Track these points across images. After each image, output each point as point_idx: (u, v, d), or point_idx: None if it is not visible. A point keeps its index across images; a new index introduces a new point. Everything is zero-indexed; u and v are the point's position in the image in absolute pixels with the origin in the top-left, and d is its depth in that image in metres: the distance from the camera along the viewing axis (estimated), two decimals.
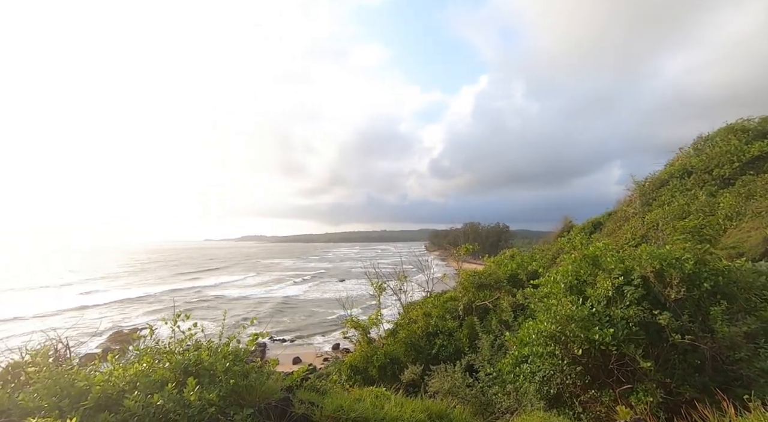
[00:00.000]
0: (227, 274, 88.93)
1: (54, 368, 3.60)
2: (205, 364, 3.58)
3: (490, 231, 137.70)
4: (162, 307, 45.31)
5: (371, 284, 12.15)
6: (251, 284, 71.83)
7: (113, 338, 31.61)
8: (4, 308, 42.51)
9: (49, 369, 3.50)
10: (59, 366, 3.71)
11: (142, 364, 3.52)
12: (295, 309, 47.17)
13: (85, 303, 47.48)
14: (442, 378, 6.92)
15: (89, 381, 3.38)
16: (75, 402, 3.20)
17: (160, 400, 3.07)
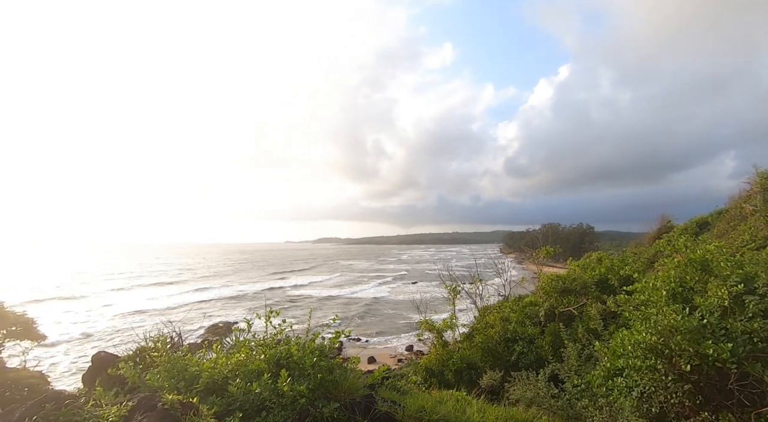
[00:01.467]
0: (312, 274, 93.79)
1: (171, 354, 4.15)
2: (294, 358, 3.86)
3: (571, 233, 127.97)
4: (256, 304, 49.20)
5: (445, 286, 12.02)
6: (335, 284, 74.99)
7: (211, 330, 35.30)
8: (135, 302, 49.92)
9: (168, 354, 4.05)
10: (174, 353, 4.26)
11: (241, 355, 3.91)
12: (373, 310, 48.26)
13: (198, 298, 53.65)
14: (524, 386, 6.60)
15: (199, 368, 3.84)
16: (189, 384, 3.65)
17: (258, 388, 3.38)
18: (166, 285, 69.20)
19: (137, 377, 3.76)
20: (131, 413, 2.23)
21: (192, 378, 3.70)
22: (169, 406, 2.28)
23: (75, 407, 2.13)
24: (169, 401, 2.32)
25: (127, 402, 2.34)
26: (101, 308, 45.59)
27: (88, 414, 2.10)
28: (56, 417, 2.04)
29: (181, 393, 3.60)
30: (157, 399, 2.39)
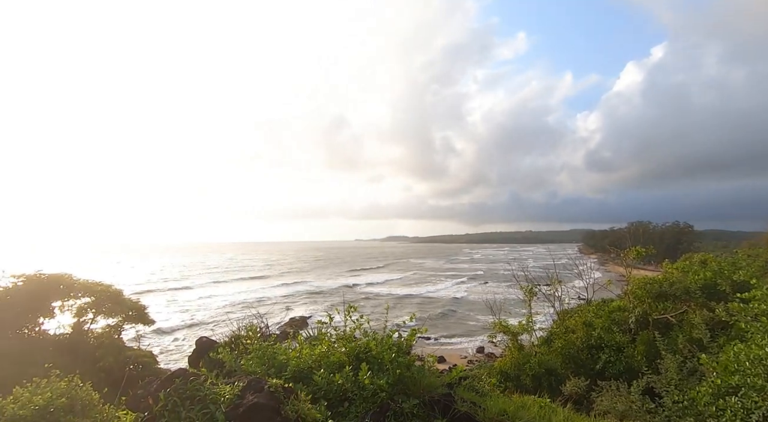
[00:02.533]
0: (386, 272, 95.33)
1: (260, 343, 4.53)
2: (373, 353, 3.99)
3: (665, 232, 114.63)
4: (333, 300, 51.40)
5: (520, 287, 11.50)
6: (409, 283, 75.49)
7: (289, 323, 37.72)
8: (229, 294, 55.45)
9: (258, 343, 4.43)
10: (264, 342, 4.64)
11: (323, 347, 4.14)
12: (449, 310, 47.77)
13: (281, 293, 57.94)
14: (614, 397, 6.08)
15: (286, 357, 4.15)
16: (278, 371, 3.96)
17: (340, 380, 3.55)
18: (253, 280, 75.06)
19: (233, 361, 4.16)
20: (242, 392, 2.49)
21: (280, 365, 4.00)
22: (274, 389, 2.51)
23: (198, 383, 2.44)
24: (273, 384, 2.56)
25: (238, 382, 2.62)
26: (200, 299, 51.13)
27: (208, 390, 2.40)
28: (184, 391, 2.36)
29: (272, 379, 3.92)
30: (263, 382, 2.64)
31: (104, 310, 14.97)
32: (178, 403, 2.28)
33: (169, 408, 2.27)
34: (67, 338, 13.81)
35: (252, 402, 2.32)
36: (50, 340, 13.46)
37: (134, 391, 2.62)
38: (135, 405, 2.49)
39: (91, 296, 14.55)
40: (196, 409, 2.25)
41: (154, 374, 14.36)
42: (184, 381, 2.46)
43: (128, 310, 15.42)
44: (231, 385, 2.53)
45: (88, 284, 14.58)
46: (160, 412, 2.26)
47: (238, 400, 2.39)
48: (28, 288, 13.11)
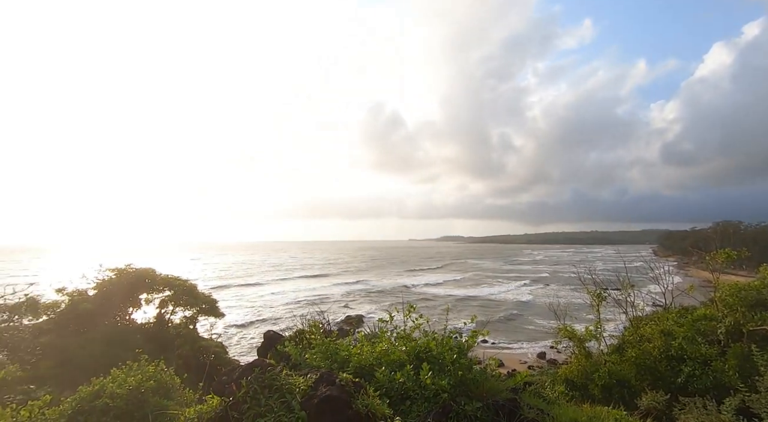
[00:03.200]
0: (444, 273, 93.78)
1: (323, 338, 4.70)
2: (433, 353, 3.96)
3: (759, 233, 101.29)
4: (392, 299, 51.74)
5: (587, 291, 10.78)
6: (468, 284, 73.66)
7: (346, 320, 38.73)
8: (293, 290, 58.43)
9: (321, 338, 4.59)
10: (326, 338, 4.80)
11: (384, 345, 4.19)
12: (511, 313, 46.19)
13: (341, 291, 59.82)
14: (701, 415, 5.48)
15: (348, 353, 4.25)
16: (340, 366, 4.08)
17: (402, 378, 3.57)
18: (315, 278, 77.64)
19: (299, 355, 4.36)
20: (315, 384, 2.61)
21: (343, 361, 4.12)
22: (345, 383, 2.60)
23: (274, 373, 2.61)
24: (344, 378, 2.66)
25: (311, 375, 2.76)
26: (267, 295, 54.29)
27: (284, 380, 2.55)
28: (262, 380, 2.53)
29: (342, 373, 4.04)
30: (334, 376, 2.75)
31: (181, 303, 16.44)
32: (258, 391, 2.45)
33: (251, 395, 2.45)
34: (151, 327, 15.35)
35: (325, 394, 2.42)
36: (138, 328, 15.05)
37: (218, 378, 2.85)
38: (220, 390, 2.71)
39: (171, 289, 16.04)
40: (274, 397, 2.39)
41: (225, 363, 15.49)
42: (263, 370, 2.63)
43: (202, 303, 16.78)
44: (304, 377, 2.66)
45: (168, 278, 16.08)
46: (242, 398, 2.43)
47: (311, 391, 2.50)
48: (121, 281, 14.75)
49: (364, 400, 2.52)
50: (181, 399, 6.03)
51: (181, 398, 6.07)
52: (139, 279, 15.19)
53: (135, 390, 5.45)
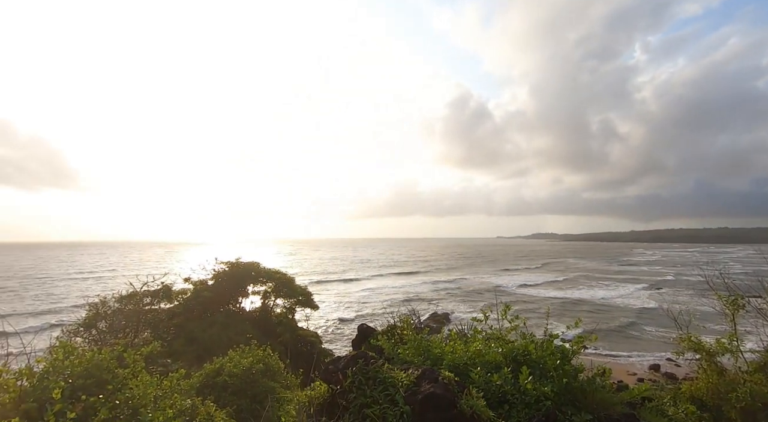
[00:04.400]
0: (542, 273, 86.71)
1: (415, 334, 4.72)
2: (532, 356, 3.72)
3: None
4: (484, 298, 50.29)
5: (718, 297, 9.17)
6: (571, 286, 67.74)
7: (432, 317, 38.64)
8: (386, 286, 60.54)
9: (413, 333, 4.62)
10: (418, 334, 4.82)
11: (478, 345, 4.05)
12: (617, 319, 41.61)
13: (431, 288, 60.15)
14: None
15: (441, 350, 4.21)
16: (433, 363, 4.05)
17: (499, 380, 3.41)
18: (405, 275, 77.94)
19: (391, 349, 4.43)
20: (418, 380, 2.64)
21: (435, 358, 4.08)
22: (448, 381, 2.59)
23: (377, 366, 2.70)
24: (447, 377, 2.64)
25: (413, 370, 2.79)
26: (358, 290, 56.87)
27: (386, 374, 2.62)
28: (366, 372, 2.64)
29: (445, 371, 4.02)
30: (436, 373, 2.75)
31: (281, 294, 17.99)
32: (363, 382, 2.55)
33: (356, 385, 2.56)
34: (256, 315, 17.07)
35: (429, 390, 2.42)
36: (246, 315, 16.85)
37: (324, 366, 3.03)
38: (327, 378, 2.89)
39: (272, 281, 17.65)
40: (378, 389, 2.47)
41: (320, 352, 16.57)
42: (366, 362, 2.74)
43: (298, 295, 18.16)
44: (405, 372, 2.70)
45: (270, 271, 17.70)
46: (349, 388, 2.56)
47: (414, 387, 2.53)
48: (231, 273, 16.65)
49: (469, 400, 2.46)
50: (285, 382, 6.60)
51: (285, 381, 6.64)
52: (246, 272, 16.97)
53: (247, 371, 6.10)
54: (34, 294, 49.03)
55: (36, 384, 2.84)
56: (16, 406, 2.56)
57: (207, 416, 4.06)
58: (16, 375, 2.94)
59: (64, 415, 2.48)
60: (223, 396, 5.56)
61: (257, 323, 16.25)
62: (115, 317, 11.81)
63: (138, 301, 12.64)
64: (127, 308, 12.21)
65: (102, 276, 67.72)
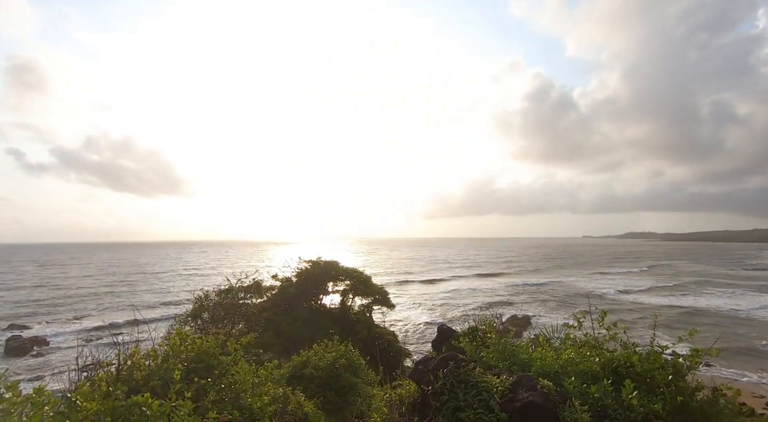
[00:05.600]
0: (647, 276, 76.00)
1: (498, 337, 4.52)
2: (636, 369, 3.33)
3: None
4: (578, 303, 46.18)
5: None
6: (685, 292, 57.91)
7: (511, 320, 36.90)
8: (468, 287, 59.66)
9: (497, 337, 4.43)
10: (501, 338, 4.61)
11: (571, 353, 3.74)
12: (739, 331, 35.24)
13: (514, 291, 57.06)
14: None
15: (528, 356, 3.97)
16: (521, 369, 3.84)
17: (597, 393, 3.11)
18: (484, 276, 74.57)
19: (474, 352, 4.30)
20: (514, 387, 2.53)
21: (523, 364, 3.86)
22: (548, 391, 2.44)
23: (468, 369, 2.65)
24: (546, 386, 2.50)
25: (506, 376, 2.69)
26: (436, 290, 56.42)
27: (478, 378, 2.56)
28: (458, 374, 2.60)
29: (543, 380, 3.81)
30: (534, 381, 2.61)
31: (359, 292, 18.57)
32: (455, 384, 2.50)
33: (448, 387, 2.53)
34: (336, 311, 17.85)
35: (528, 399, 2.30)
36: (326, 312, 17.70)
37: (413, 365, 3.04)
38: (417, 377, 2.90)
39: (350, 280, 18.29)
40: (471, 393, 2.41)
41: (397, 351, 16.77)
42: (457, 365, 2.69)
43: (375, 294, 18.58)
44: (498, 377, 2.59)
45: (348, 270, 18.37)
46: (440, 389, 2.54)
47: (510, 394, 2.42)
48: (313, 271, 17.61)
49: (572, 413, 2.27)
50: (366, 379, 6.79)
51: (366, 377, 6.83)
52: (326, 270, 17.81)
53: (331, 365, 6.40)
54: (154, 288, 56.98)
55: (160, 364, 3.27)
56: (146, 382, 2.96)
57: (297, 405, 4.33)
58: (144, 356, 3.42)
59: (182, 393, 2.82)
60: (310, 387, 5.90)
61: (337, 319, 16.97)
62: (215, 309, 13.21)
63: (234, 295, 13.98)
64: (225, 301, 13.58)
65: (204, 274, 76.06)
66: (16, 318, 35.45)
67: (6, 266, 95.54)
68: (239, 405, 3.47)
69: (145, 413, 2.33)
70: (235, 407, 3.35)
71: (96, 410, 2.12)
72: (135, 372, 3.13)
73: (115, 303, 44.18)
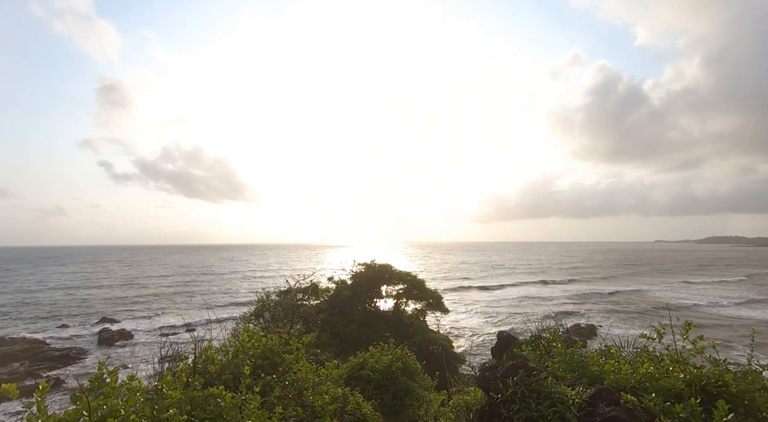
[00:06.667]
0: (744, 287, 65.76)
1: (564, 347, 4.26)
2: (731, 389, 2.96)
3: None
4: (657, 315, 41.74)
5: None
6: None
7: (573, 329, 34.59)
8: (526, 293, 57.13)
9: (563, 346, 4.18)
10: (569, 348, 4.34)
11: (649, 367, 3.41)
12: None
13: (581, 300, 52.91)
14: None
15: (599, 369, 3.69)
16: (590, 382, 3.58)
17: (683, 413, 2.81)
18: (553, 284, 69.49)
19: (538, 362, 4.08)
20: (593, 400, 2.38)
21: (593, 376, 3.59)
22: (633, 407, 2.27)
23: (540, 378, 2.53)
24: (630, 401, 2.32)
25: (581, 388, 2.53)
26: (495, 296, 54.33)
27: (553, 388, 2.44)
28: (529, 383, 2.50)
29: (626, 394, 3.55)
30: (615, 395, 2.44)
31: (412, 296, 18.50)
32: (527, 394, 2.40)
33: (519, 397, 2.43)
34: (390, 314, 17.92)
35: (610, 414, 2.14)
36: (380, 315, 17.84)
37: (480, 372, 2.97)
38: (484, 384, 2.83)
39: (404, 283, 18.29)
40: (544, 404, 2.29)
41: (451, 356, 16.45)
42: (528, 373, 2.58)
43: (429, 298, 18.41)
44: (572, 389, 2.43)
45: (402, 273, 18.39)
46: (511, 398, 2.44)
47: (588, 407, 2.27)
48: (367, 274, 17.85)
49: None
50: (422, 383, 6.74)
51: (422, 382, 6.77)
52: (380, 273, 17.96)
53: (387, 368, 6.43)
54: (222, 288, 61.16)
55: (230, 360, 3.49)
56: (219, 376, 3.17)
57: (356, 405, 4.40)
58: (217, 351, 3.67)
59: (251, 388, 2.98)
60: (367, 389, 5.97)
61: (390, 323, 17.03)
62: (276, 309, 13.85)
63: (292, 296, 14.58)
64: (284, 301, 14.20)
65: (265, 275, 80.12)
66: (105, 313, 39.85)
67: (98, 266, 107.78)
68: (302, 402, 3.59)
69: (219, 404, 2.49)
70: (299, 404, 3.48)
71: (178, 399, 2.30)
72: (209, 366, 3.36)
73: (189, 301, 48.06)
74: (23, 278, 75.94)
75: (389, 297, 18.47)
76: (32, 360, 24.78)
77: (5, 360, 24.48)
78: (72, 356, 26.01)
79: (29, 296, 51.59)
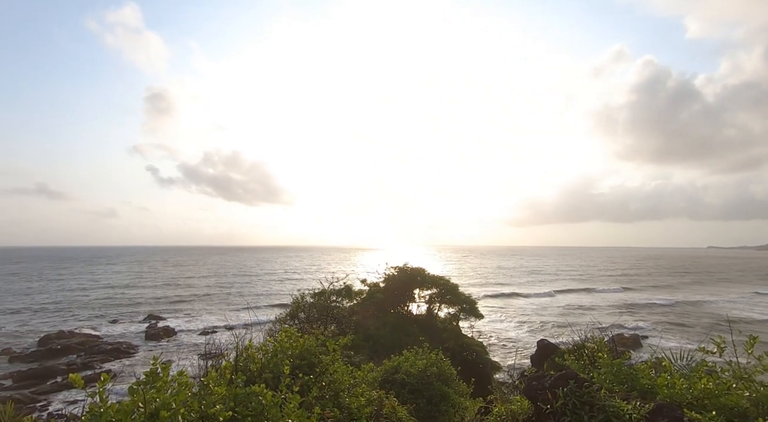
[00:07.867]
0: None
1: (610, 358, 4.04)
2: None
3: None
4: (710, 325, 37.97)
5: None
6: None
7: (615, 339, 32.67)
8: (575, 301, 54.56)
9: (610, 357, 3.96)
10: (615, 359, 4.11)
11: (708, 383, 3.16)
12: None
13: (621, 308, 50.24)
14: None
15: (650, 382, 3.47)
16: (641, 396, 3.36)
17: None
18: (611, 292, 64.62)
19: (582, 371, 3.89)
20: (652, 416, 2.25)
21: (643, 390, 3.38)
22: None
23: (592, 390, 2.43)
24: (694, 418, 2.18)
25: (642, 403, 2.40)
26: (533, 302, 52.26)
27: (606, 402, 2.32)
28: (580, 395, 2.40)
29: (631, 399, 3.36)
30: (678, 411, 2.30)
31: (446, 300, 18.25)
32: (578, 406, 2.30)
33: (570, 408, 2.33)
34: (423, 319, 17.77)
35: None
36: (413, 318, 17.72)
37: (526, 381, 2.88)
38: (531, 394, 2.74)
39: (437, 287, 18.09)
40: (598, 417, 2.19)
41: (485, 363, 16.07)
42: (578, 384, 2.47)
43: (463, 303, 18.09)
44: (627, 402, 2.31)
45: (435, 277, 18.20)
46: (561, 409, 2.35)
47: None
48: (400, 277, 17.80)
49: None
50: (458, 389, 6.61)
51: (457, 388, 6.64)
52: (413, 277, 17.87)
53: (422, 372, 6.36)
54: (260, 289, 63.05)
55: (270, 359, 3.57)
56: (260, 374, 3.25)
57: (392, 409, 4.38)
58: (257, 350, 3.77)
59: (289, 388, 3.03)
60: (402, 393, 5.93)
61: (423, 327, 16.88)
62: (310, 310, 14.10)
63: (326, 298, 14.79)
64: (318, 303, 14.43)
65: (301, 277, 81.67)
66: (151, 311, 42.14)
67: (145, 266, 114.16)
68: (339, 403, 3.62)
69: (261, 402, 2.55)
70: (336, 405, 3.50)
71: (223, 395, 2.38)
72: (250, 364, 3.46)
73: (227, 302, 49.91)
74: (78, 276, 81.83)
75: (422, 301, 18.33)
76: (88, 353, 26.65)
77: (65, 352, 26.46)
78: (122, 350, 27.71)
79: (83, 293, 55.51)
